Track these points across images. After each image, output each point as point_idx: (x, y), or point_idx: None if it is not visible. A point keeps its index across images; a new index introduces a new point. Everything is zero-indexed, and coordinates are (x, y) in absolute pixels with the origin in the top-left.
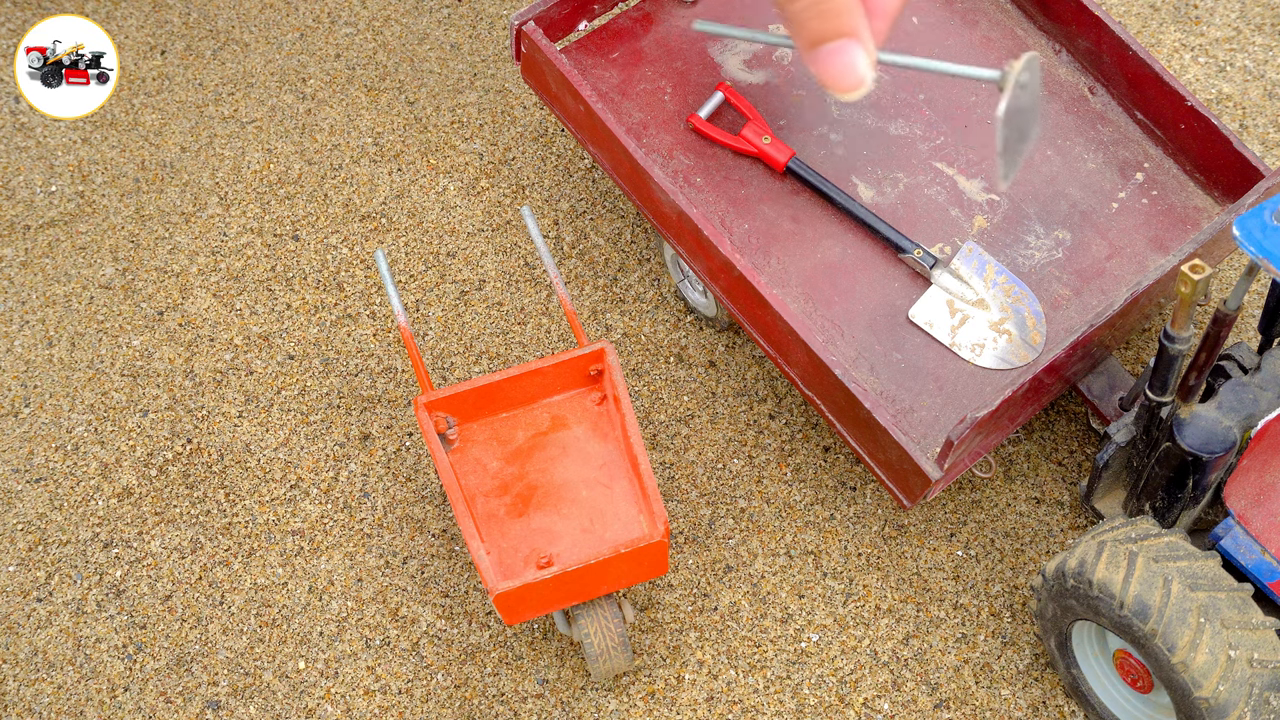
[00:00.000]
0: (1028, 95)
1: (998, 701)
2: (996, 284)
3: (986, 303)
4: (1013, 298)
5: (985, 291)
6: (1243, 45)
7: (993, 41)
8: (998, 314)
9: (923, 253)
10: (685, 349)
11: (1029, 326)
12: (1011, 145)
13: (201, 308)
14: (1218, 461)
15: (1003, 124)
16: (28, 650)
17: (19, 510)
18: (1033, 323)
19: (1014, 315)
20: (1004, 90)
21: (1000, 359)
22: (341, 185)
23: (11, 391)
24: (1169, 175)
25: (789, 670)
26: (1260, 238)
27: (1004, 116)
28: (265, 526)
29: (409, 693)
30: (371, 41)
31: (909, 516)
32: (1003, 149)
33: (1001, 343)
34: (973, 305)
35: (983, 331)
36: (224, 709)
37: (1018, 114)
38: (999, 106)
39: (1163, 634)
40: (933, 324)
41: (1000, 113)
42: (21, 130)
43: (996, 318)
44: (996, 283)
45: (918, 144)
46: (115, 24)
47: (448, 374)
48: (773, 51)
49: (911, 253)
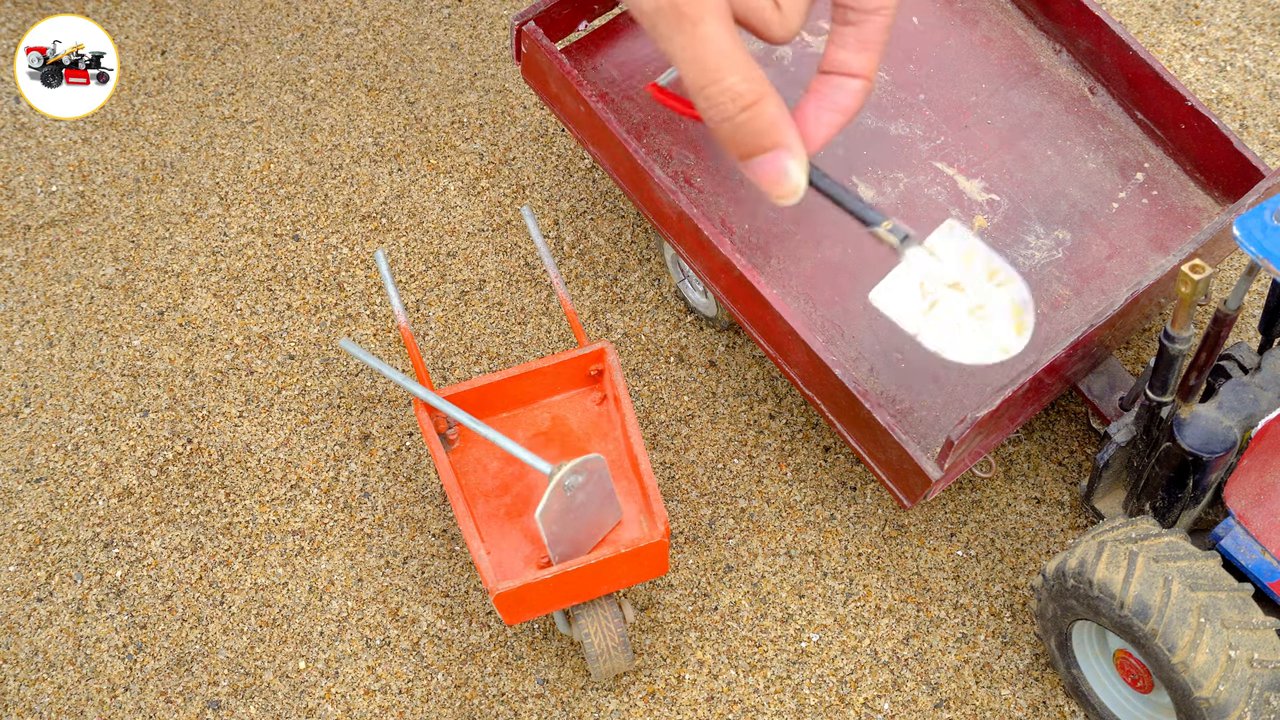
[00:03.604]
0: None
1: (998, 701)
2: (979, 264)
3: (963, 285)
4: (996, 281)
5: (964, 272)
6: (1243, 45)
7: (993, 41)
8: (976, 299)
9: (893, 225)
10: (685, 349)
11: (1012, 315)
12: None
13: (202, 308)
14: (1218, 461)
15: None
16: (28, 650)
17: (19, 510)
18: (1018, 311)
19: (995, 300)
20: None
21: (975, 351)
22: (342, 185)
23: (12, 391)
24: (1169, 175)
25: (789, 670)
26: (1260, 238)
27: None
28: (265, 526)
29: (409, 693)
30: (372, 42)
31: (909, 516)
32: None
33: (978, 332)
34: (948, 288)
35: (957, 318)
36: (224, 709)
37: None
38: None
39: (1163, 634)
40: (896, 309)
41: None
42: (22, 130)
43: (974, 303)
44: (979, 263)
45: (918, 144)
46: (115, 24)
47: (448, 374)
48: (773, 52)
49: (879, 225)
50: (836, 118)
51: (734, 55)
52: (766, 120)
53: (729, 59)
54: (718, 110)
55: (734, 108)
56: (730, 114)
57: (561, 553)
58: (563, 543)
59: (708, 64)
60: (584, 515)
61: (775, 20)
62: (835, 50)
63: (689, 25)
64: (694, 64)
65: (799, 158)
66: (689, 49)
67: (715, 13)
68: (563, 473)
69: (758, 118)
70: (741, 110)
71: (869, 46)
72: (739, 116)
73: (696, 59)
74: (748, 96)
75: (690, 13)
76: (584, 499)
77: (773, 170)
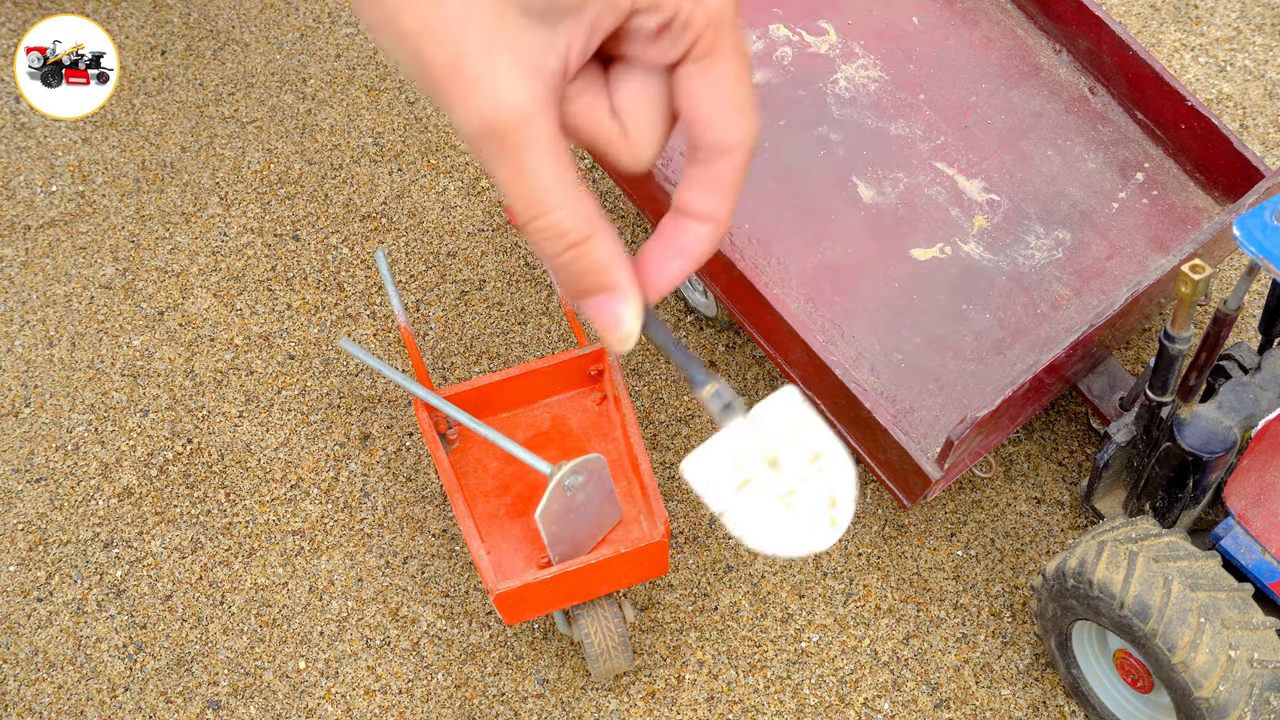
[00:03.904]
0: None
1: (998, 701)
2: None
3: (781, 465)
4: (818, 465)
5: (785, 450)
6: (1243, 45)
7: (993, 41)
8: (790, 483)
9: (717, 389)
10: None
11: (826, 505)
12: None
13: (202, 308)
14: (1218, 461)
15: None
16: (28, 650)
17: (19, 510)
18: (833, 502)
19: (811, 488)
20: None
21: (779, 543)
22: (342, 185)
23: (12, 391)
24: (1169, 175)
25: (789, 670)
26: (1260, 238)
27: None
28: (265, 526)
29: (409, 693)
30: (372, 42)
31: (909, 516)
32: (550, 543)
33: (785, 521)
34: (765, 465)
35: (766, 502)
36: (224, 709)
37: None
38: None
39: (1163, 634)
40: (705, 483)
41: (537, 514)
42: (22, 130)
43: (788, 487)
44: (805, 441)
45: (918, 144)
46: (115, 24)
47: (448, 374)
48: (773, 51)
49: (703, 388)
50: (683, 263)
51: (561, 188)
52: (595, 261)
53: (554, 193)
54: (543, 246)
55: (559, 245)
56: (556, 251)
57: (561, 553)
58: (562, 543)
59: (532, 197)
60: (584, 515)
61: (624, 149)
62: (684, 191)
63: (512, 154)
64: (517, 197)
65: (632, 303)
66: (512, 181)
67: (542, 140)
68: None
69: (584, 257)
70: (567, 248)
71: (719, 188)
72: (564, 255)
73: (520, 192)
74: (574, 235)
75: (513, 140)
76: (583, 499)
77: (604, 314)
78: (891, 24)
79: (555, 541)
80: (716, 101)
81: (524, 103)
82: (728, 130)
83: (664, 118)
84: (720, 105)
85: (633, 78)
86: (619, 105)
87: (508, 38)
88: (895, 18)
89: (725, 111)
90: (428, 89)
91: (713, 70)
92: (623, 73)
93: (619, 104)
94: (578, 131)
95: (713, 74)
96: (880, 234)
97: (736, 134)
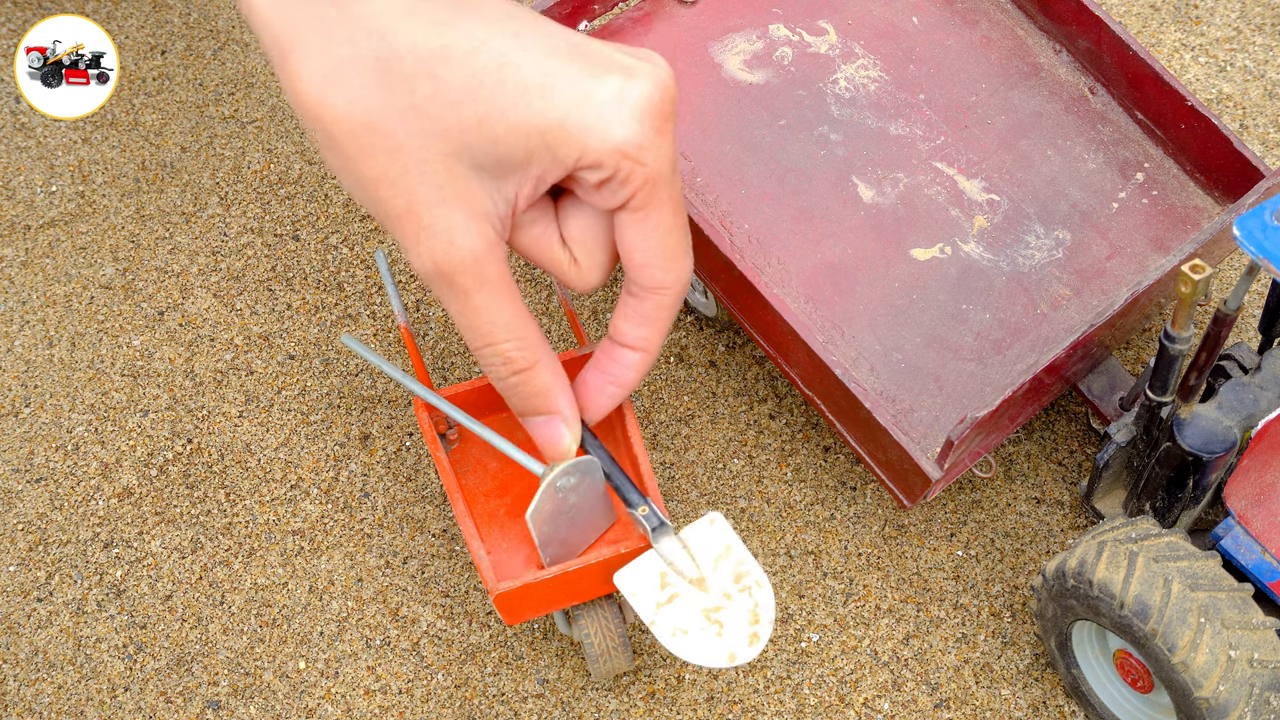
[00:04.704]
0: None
1: (998, 701)
2: (728, 565)
3: (706, 584)
4: (741, 585)
5: (711, 571)
6: (1243, 45)
7: (993, 41)
8: (714, 600)
9: (648, 511)
10: (685, 349)
11: (748, 624)
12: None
13: (202, 308)
14: (1218, 461)
15: (533, 524)
16: (28, 650)
17: (19, 510)
18: (754, 620)
19: (735, 606)
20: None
21: (702, 654)
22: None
23: (11, 391)
24: (1169, 175)
25: (789, 670)
26: (1260, 238)
27: (532, 518)
28: (265, 526)
29: (409, 693)
30: None
31: (909, 516)
32: (541, 543)
33: (708, 634)
34: (689, 583)
35: (690, 616)
36: (224, 709)
37: (557, 515)
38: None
39: (1163, 634)
40: (636, 594)
41: (528, 515)
42: (21, 130)
43: (711, 604)
44: (729, 564)
45: (918, 144)
46: (115, 24)
47: (448, 374)
48: (773, 51)
49: (636, 509)
50: (616, 391)
51: (505, 322)
52: (537, 386)
53: (500, 327)
54: (491, 371)
55: (505, 371)
56: (503, 375)
57: (552, 555)
58: (554, 544)
59: (480, 330)
60: (577, 517)
61: (573, 274)
62: (619, 320)
63: (462, 294)
64: (467, 329)
65: (571, 424)
66: (461, 315)
67: (489, 280)
68: (555, 474)
69: (528, 383)
70: (513, 374)
71: (649, 322)
72: (510, 379)
73: (469, 325)
74: (519, 363)
75: (462, 282)
76: (577, 501)
77: (545, 433)
78: (891, 24)
79: (546, 543)
80: (651, 249)
81: (473, 247)
82: (659, 274)
83: (609, 250)
84: (654, 252)
85: (581, 213)
86: (568, 236)
87: (458, 189)
88: (895, 18)
89: (658, 258)
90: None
91: (648, 221)
92: (571, 208)
93: (568, 235)
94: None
95: (648, 224)
96: (880, 234)
97: (667, 278)
